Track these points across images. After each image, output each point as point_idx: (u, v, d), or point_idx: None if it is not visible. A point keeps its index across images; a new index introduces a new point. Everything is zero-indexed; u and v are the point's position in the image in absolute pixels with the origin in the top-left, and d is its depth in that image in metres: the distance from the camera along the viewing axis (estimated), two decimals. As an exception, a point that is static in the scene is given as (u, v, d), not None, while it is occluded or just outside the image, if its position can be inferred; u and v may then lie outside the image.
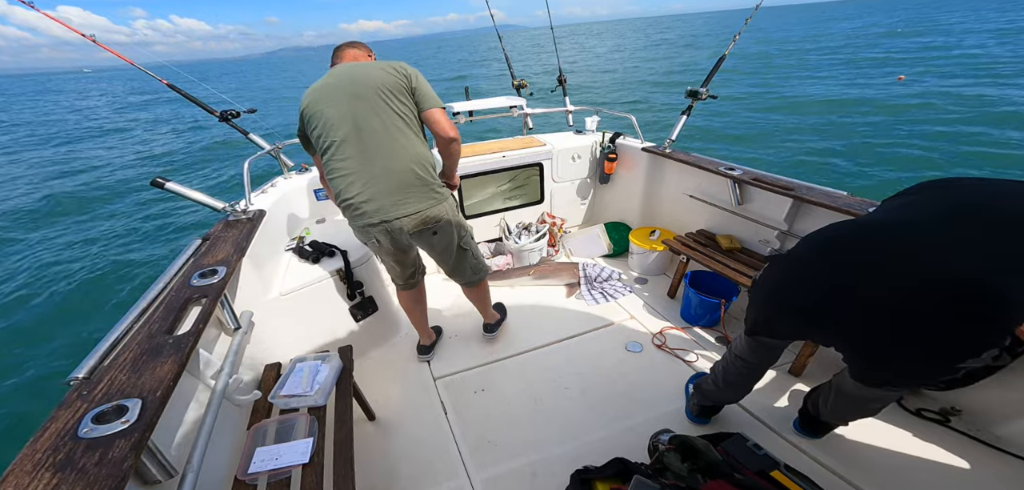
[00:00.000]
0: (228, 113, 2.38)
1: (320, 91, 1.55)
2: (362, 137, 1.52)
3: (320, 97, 1.54)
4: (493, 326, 2.28)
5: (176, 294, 1.32)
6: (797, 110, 10.67)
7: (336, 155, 1.54)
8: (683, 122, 2.75)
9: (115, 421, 0.86)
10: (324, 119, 1.53)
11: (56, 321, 4.28)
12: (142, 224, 6.61)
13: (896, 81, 12.85)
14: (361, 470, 1.35)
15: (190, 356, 1.09)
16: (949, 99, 10.05)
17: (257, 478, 1.16)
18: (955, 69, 13.69)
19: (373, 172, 1.54)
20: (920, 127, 8.39)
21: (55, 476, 0.76)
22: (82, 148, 13.24)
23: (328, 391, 1.45)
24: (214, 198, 1.82)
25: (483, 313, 2.22)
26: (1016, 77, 11.59)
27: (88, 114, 22.70)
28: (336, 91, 1.53)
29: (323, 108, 1.53)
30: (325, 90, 1.55)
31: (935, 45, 19.94)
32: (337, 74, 1.57)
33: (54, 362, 3.67)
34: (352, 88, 1.52)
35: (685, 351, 2.14)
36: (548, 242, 3.09)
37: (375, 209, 1.56)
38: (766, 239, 2.33)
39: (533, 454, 1.66)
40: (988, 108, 9.02)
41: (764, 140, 8.72)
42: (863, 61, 17.76)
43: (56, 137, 15.63)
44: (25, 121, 21.44)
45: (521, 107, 3.19)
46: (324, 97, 1.54)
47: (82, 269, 5.19)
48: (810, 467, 1.53)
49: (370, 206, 1.56)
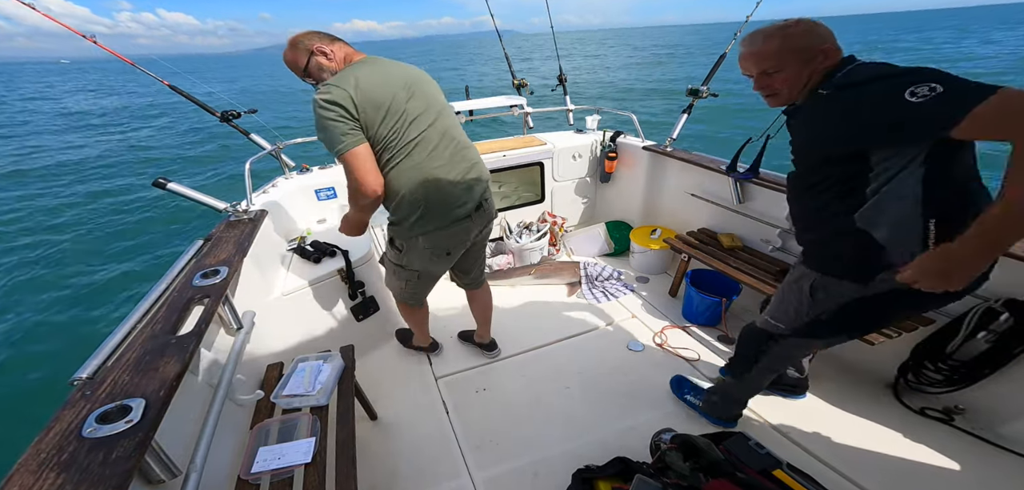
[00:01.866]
0: (229, 113, 2.38)
1: (378, 79, 1.35)
2: (451, 130, 1.50)
3: (383, 84, 1.35)
4: (494, 343, 2.19)
5: (178, 294, 1.32)
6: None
7: (424, 146, 1.41)
8: (684, 121, 2.74)
9: (119, 421, 0.86)
10: (403, 110, 1.37)
11: (56, 320, 4.29)
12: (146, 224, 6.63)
13: None
14: (363, 469, 1.35)
15: (193, 356, 1.09)
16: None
17: (260, 477, 1.17)
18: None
19: (472, 157, 1.55)
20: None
21: (60, 476, 0.76)
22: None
23: (330, 391, 1.46)
24: (215, 198, 1.83)
25: (487, 322, 2.12)
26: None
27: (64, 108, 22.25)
28: (401, 84, 1.39)
29: (396, 95, 1.36)
30: (387, 80, 1.36)
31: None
32: (385, 69, 1.40)
33: (56, 362, 3.68)
34: (419, 86, 1.44)
35: (686, 350, 2.14)
36: (549, 241, 3.09)
37: (480, 193, 1.56)
38: (767, 237, 2.33)
39: (535, 453, 1.66)
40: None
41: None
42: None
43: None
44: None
45: (521, 106, 3.19)
46: (388, 85, 1.36)
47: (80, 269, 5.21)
48: (813, 466, 1.53)
49: (472, 193, 1.53)
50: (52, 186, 8.49)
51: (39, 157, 10.97)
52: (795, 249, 2.23)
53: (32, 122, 17.31)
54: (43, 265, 5.32)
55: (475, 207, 1.55)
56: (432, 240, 1.53)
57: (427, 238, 1.52)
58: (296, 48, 1.40)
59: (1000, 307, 1.46)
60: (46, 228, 6.46)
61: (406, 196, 1.43)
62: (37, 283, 4.93)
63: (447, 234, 1.53)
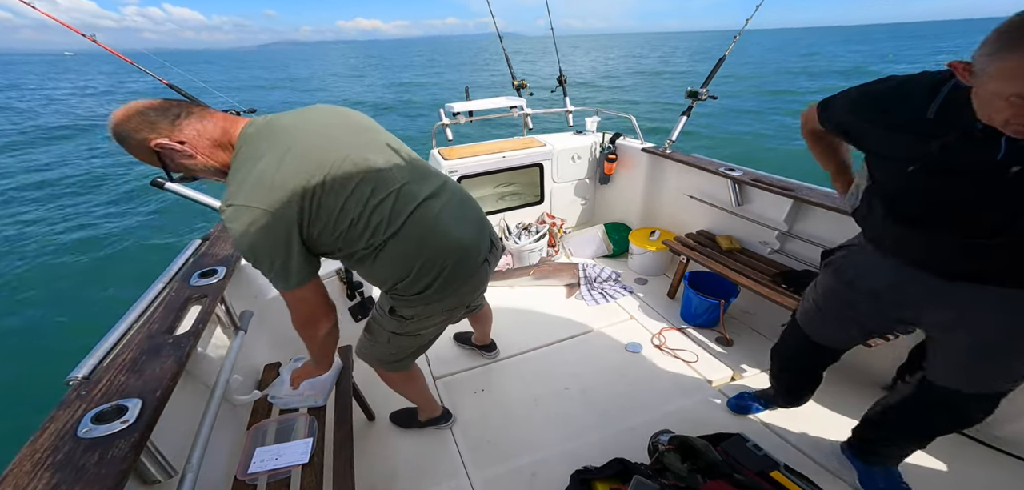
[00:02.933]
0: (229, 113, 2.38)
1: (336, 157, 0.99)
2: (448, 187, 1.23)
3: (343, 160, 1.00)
4: (493, 344, 2.14)
5: (176, 294, 1.32)
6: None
7: (421, 206, 1.10)
8: (683, 122, 2.75)
9: (115, 421, 0.86)
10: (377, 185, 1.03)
11: (56, 319, 4.28)
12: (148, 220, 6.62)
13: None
14: (361, 470, 1.35)
15: (190, 356, 1.09)
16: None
17: (257, 478, 1.16)
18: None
19: (470, 210, 1.27)
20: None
21: (55, 476, 0.76)
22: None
23: (328, 391, 1.45)
24: (214, 198, 1.82)
25: (487, 328, 2.03)
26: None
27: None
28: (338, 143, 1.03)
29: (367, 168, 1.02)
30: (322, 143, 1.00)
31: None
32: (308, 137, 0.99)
33: (54, 361, 3.66)
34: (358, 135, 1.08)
35: (685, 351, 2.14)
36: (548, 242, 3.09)
37: (489, 231, 1.31)
38: (766, 240, 2.33)
39: (533, 454, 1.66)
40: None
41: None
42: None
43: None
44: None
45: (521, 107, 3.19)
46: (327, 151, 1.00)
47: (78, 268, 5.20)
48: (810, 468, 1.53)
49: (478, 244, 1.25)
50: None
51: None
52: (793, 251, 2.25)
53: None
54: (42, 264, 5.31)
55: (490, 248, 1.30)
56: (456, 299, 1.26)
57: (448, 300, 1.23)
58: (128, 142, 0.91)
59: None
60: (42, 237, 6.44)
61: (417, 264, 1.12)
62: (34, 282, 4.92)
63: (469, 286, 1.25)
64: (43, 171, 9.32)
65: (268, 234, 0.91)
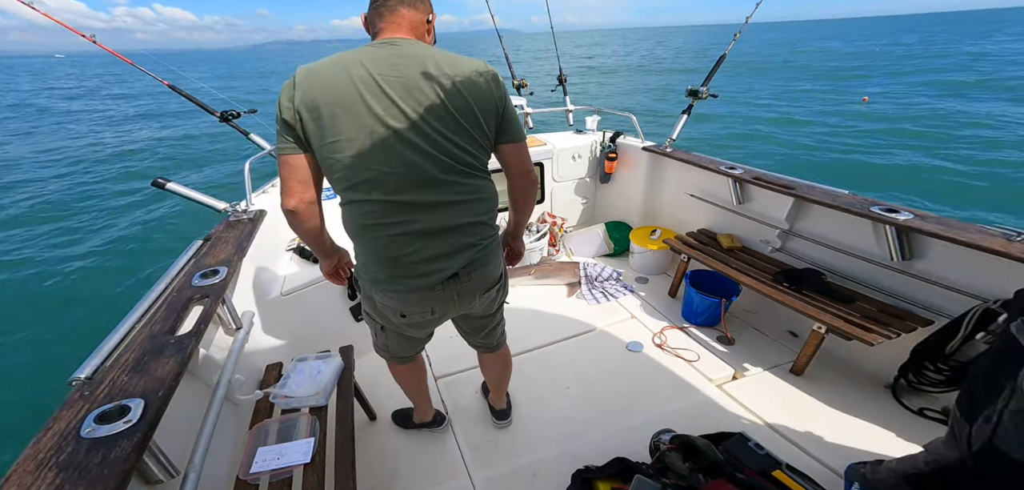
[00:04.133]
0: (229, 113, 2.38)
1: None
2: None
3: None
4: (507, 410, 1.80)
5: (178, 294, 1.32)
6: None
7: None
8: (684, 121, 2.75)
9: (117, 421, 0.86)
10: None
11: (56, 319, 4.29)
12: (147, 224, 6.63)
13: (860, 102, 13.19)
14: (362, 470, 1.35)
15: (192, 356, 1.09)
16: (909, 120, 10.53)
17: (259, 478, 1.16)
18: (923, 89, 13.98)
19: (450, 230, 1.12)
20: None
21: (58, 476, 0.76)
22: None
23: (329, 391, 1.45)
24: (215, 198, 1.83)
25: (500, 389, 1.75)
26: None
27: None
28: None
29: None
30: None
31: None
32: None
33: (54, 362, 3.67)
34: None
35: (686, 350, 2.14)
36: (549, 242, 3.09)
37: (465, 259, 1.14)
38: (767, 238, 2.33)
39: (534, 454, 1.66)
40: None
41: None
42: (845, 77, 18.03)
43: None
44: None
45: (521, 107, 3.19)
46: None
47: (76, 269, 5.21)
48: (812, 467, 1.53)
49: (452, 258, 1.13)
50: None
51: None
52: (794, 249, 2.25)
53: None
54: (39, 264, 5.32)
55: (450, 277, 1.10)
56: (405, 309, 1.16)
57: (394, 304, 1.16)
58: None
59: (999, 307, 1.46)
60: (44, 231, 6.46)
61: (357, 246, 1.12)
62: (32, 282, 4.93)
63: (400, 299, 1.13)
64: (46, 171, 9.35)
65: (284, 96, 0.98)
